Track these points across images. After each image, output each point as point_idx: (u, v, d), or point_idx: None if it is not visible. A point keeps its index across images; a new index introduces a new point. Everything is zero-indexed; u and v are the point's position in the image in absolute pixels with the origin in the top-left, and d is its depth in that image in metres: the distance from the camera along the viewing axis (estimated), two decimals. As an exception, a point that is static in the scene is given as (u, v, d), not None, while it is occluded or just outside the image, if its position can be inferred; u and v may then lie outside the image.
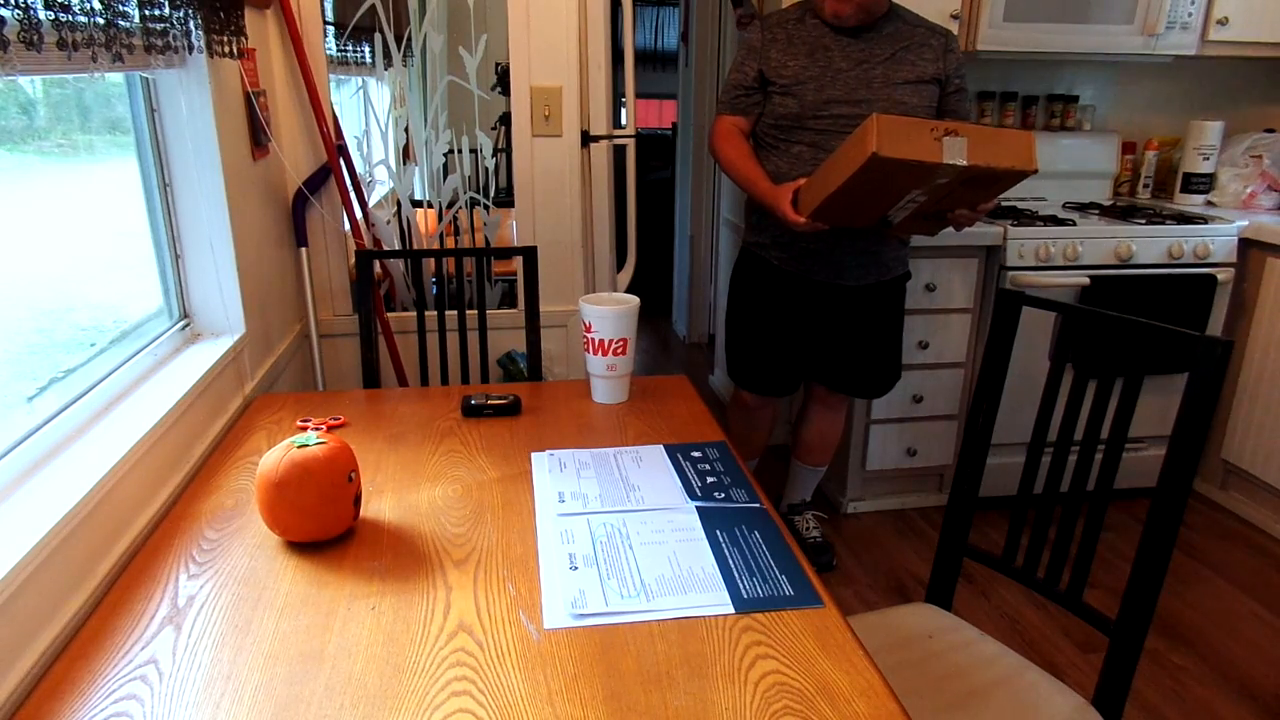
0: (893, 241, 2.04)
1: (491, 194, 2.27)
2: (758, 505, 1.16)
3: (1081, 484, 1.27)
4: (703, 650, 0.87)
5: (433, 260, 2.31)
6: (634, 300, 1.52)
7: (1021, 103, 2.89)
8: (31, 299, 1.15)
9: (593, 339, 1.48)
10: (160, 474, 1.21)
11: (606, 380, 1.52)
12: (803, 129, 1.94)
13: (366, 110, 2.33)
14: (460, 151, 2.21)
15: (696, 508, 1.15)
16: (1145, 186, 2.97)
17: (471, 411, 1.47)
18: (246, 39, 1.65)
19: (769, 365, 2.17)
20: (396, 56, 2.10)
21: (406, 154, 2.22)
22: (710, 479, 1.23)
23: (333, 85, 2.14)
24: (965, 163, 1.54)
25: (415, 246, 2.27)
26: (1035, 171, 1.59)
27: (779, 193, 1.85)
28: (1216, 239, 2.47)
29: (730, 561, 1.02)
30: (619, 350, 1.49)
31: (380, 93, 2.28)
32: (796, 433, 2.38)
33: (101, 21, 1.07)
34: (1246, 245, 2.52)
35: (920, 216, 1.78)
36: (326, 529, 1.06)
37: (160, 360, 1.41)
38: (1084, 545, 1.25)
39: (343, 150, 2.10)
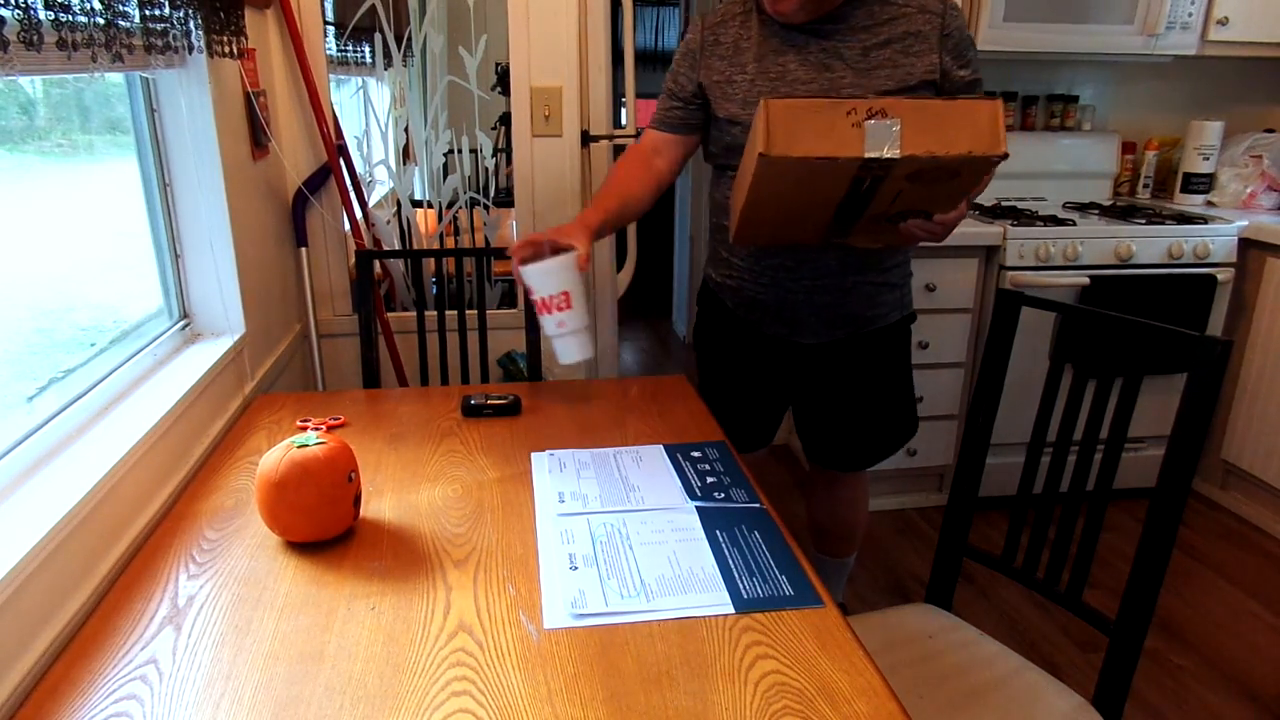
0: (865, 287, 1.57)
1: (491, 194, 2.27)
2: (758, 505, 1.16)
3: (1081, 484, 1.27)
4: (703, 650, 0.87)
5: (433, 260, 2.31)
6: (569, 251, 1.41)
7: (1021, 103, 2.89)
8: (32, 299, 1.15)
9: (537, 301, 1.41)
10: (160, 474, 1.21)
11: (561, 339, 1.43)
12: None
13: (366, 110, 2.33)
14: (460, 151, 2.21)
15: (696, 508, 1.15)
16: (1145, 186, 2.97)
17: (471, 411, 1.47)
18: (246, 39, 1.65)
19: (734, 417, 1.75)
20: (396, 56, 2.10)
21: (406, 154, 2.22)
22: (710, 479, 1.23)
23: (333, 85, 2.14)
24: (898, 155, 1.15)
25: (415, 246, 2.27)
26: (1004, 156, 1.17)
27: (573, 224, 1.48)
28: (1216, 239, 2.47)
29: (730, 561, 1.02)
30: (561, 305, 1.40)
31: (380, 93, 2.28)
32: (810, 518, 1.98)
33: (101, 21, 1.07)
34: (1246, 245, 2.52)
35: (881, 220, 1.36)
36: (326, 529, 1.06)
37: (160, 360, 1.41)
38: (1084, 545, 1.25)
39: (343, 150, 2.10)
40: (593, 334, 1.46)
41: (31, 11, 0.91)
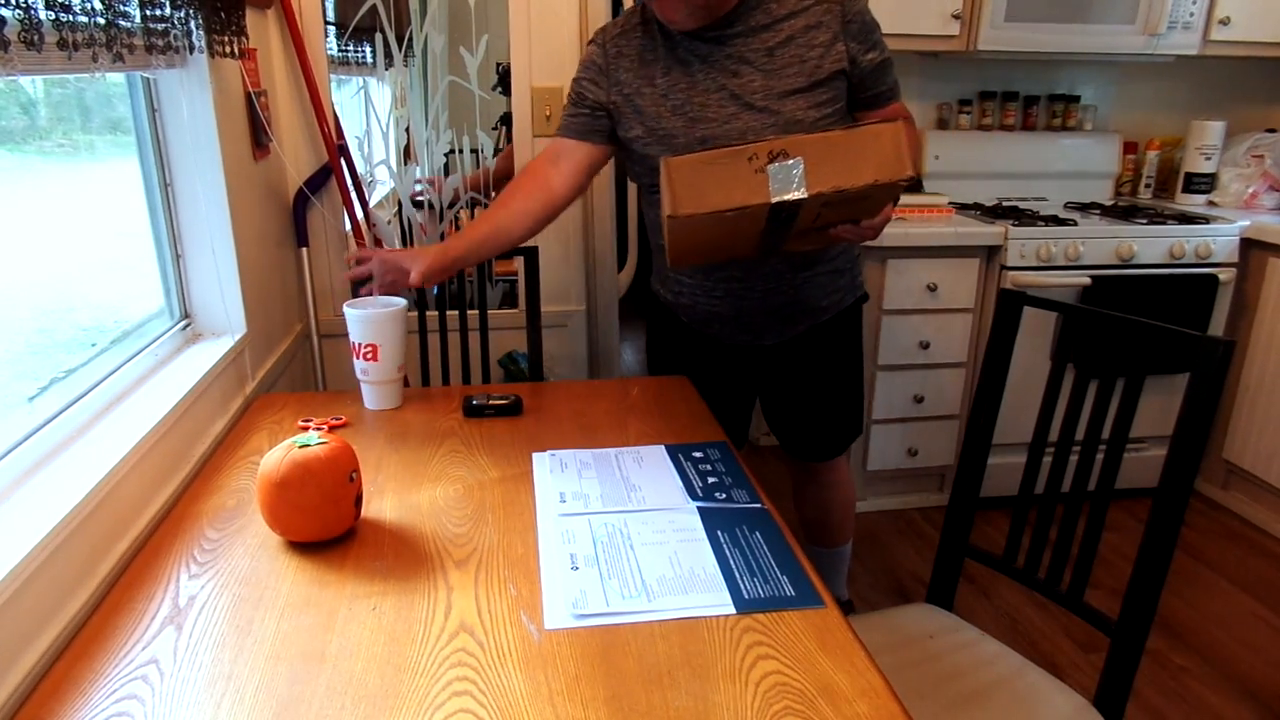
0: (817, 279, 1.58)
1: (492, 194, 2.27)
2: (759, 505, 1.15)
3: (1083, 484, 1.27)
4: (704, 650, 0.87)
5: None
6: (395, 305, 1.44)
7: (1023, 102, 2.89)
8: (33, 299, 1.15)
9: (349, 341, 1.44)
10: (161, 474, 1.21)
11: (363, 385, 1.47)
12: None
13: (367, 110, 2.33)
14: (461, 151, 2.21)
15: (698, 508, 1.15)
16: (1147, 186, 2.96)
17: (473, 411, 1.46)
18: (247, 39, 1.65)
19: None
20: (397, 56, 2.10)
21: (407, 154, 2.22)
22: (711, 479, 1.23)
23: (333, 85, 2.14)
24: (805, 195, 1.15)
25: (416, 246, 2.27)
26: (912, 177, 1.16)
27: (431, 249, 1.47)
28: (1218, 239, 2.47)
29: (731, 562, 1.02)
30: (369, 355, 1.43)
31: (381, 93, 2.28)
32: (798, 512, 1.96)
33: (102, 21, 1.07)
34: (1248, 245, 2.52)
35: (810, 231, 1.35)
36: (328, 529, 1.06)
37: (161, 360, 1.42)
38: (1085, 545, 1.25)
39: (343, 150, 2.10)
40: (398, 389, 1.49)
41: (32, 11, 0.91)
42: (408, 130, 2.18)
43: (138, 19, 1.18)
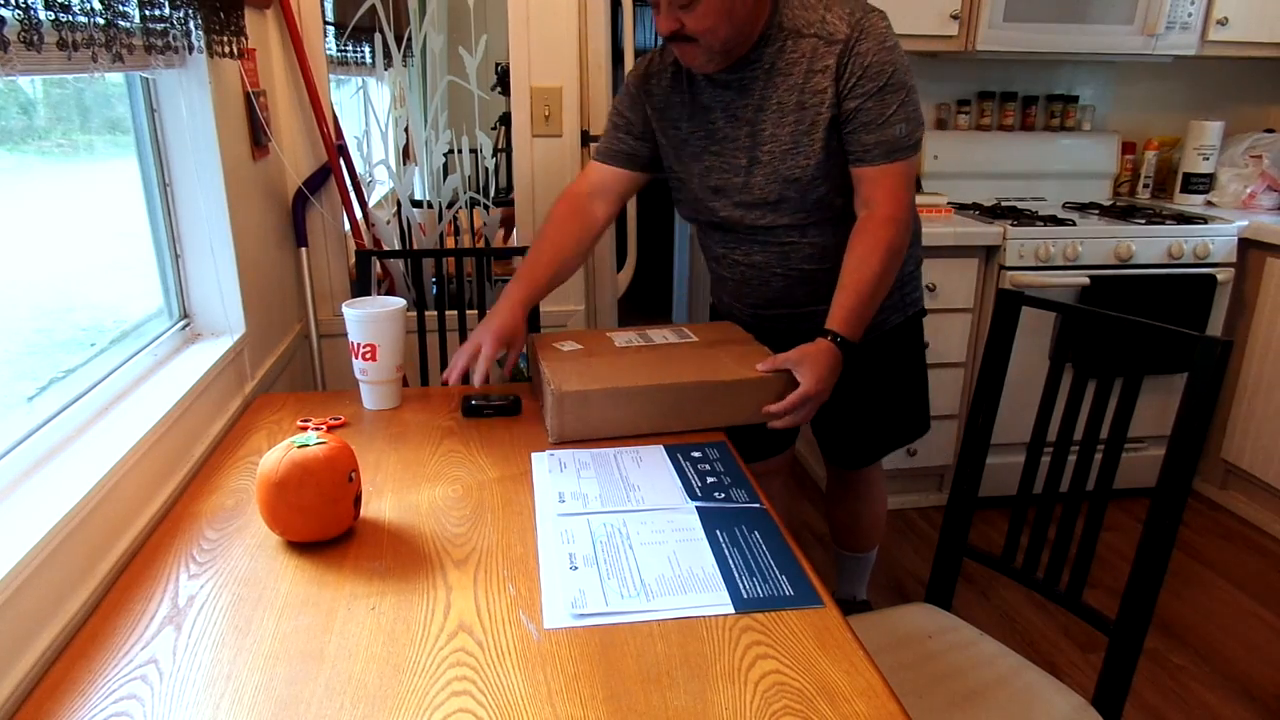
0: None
1: (491, 194, 2.27)
2: (758, 505, 1.16)
3: (1081, 484, 1.27)
4: (703, 650, 0.87)
5: (433, 260, 2.31)
6: (393, 305, 1.44)
7: (1021, 103, 2.89)
8: (32, 299, 1.15)
9: (348, 341, 1.45)
10: (160, 474, 1.21)
11: (362, 385, 1.48)
12: (699, 222, 1.58)
13: (366, 110, 2.33)
14: (460, 151, 2.21)
15: (696, 508, 1.15)
16: (1145, 186, 2.97)
17: (471, 412, 1.47)
18: (246, 39, 1.65)
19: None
20: (396, 56, 2.10)
21: (406, 154, 2.22)
22: (710, 479, 1.23)
23: (333, 85, 2.14)
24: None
25: (415, 246, 2.27)
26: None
27: (506, 306, 1.49)
28: (1216, 239, 2.47)
29: (730, 561, 1.02)
30: (368, 355, 1.43)
31: (380, 93, 2.28)
32: (828, 514, 2.02)
33: (101, 22, 1.07)
34: (1246, 245, 2.52)
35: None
36: (326, 529, 1.06)
37: (160, 360, 1.41)
38: (1084, 545, 1.25)
39: (343, 150, 2.10)
40: (397, 389, 1.50)
41: (32, 11, 0.91)
42: (407, 130, 2.18)
43: (137, 19, 1.18)
